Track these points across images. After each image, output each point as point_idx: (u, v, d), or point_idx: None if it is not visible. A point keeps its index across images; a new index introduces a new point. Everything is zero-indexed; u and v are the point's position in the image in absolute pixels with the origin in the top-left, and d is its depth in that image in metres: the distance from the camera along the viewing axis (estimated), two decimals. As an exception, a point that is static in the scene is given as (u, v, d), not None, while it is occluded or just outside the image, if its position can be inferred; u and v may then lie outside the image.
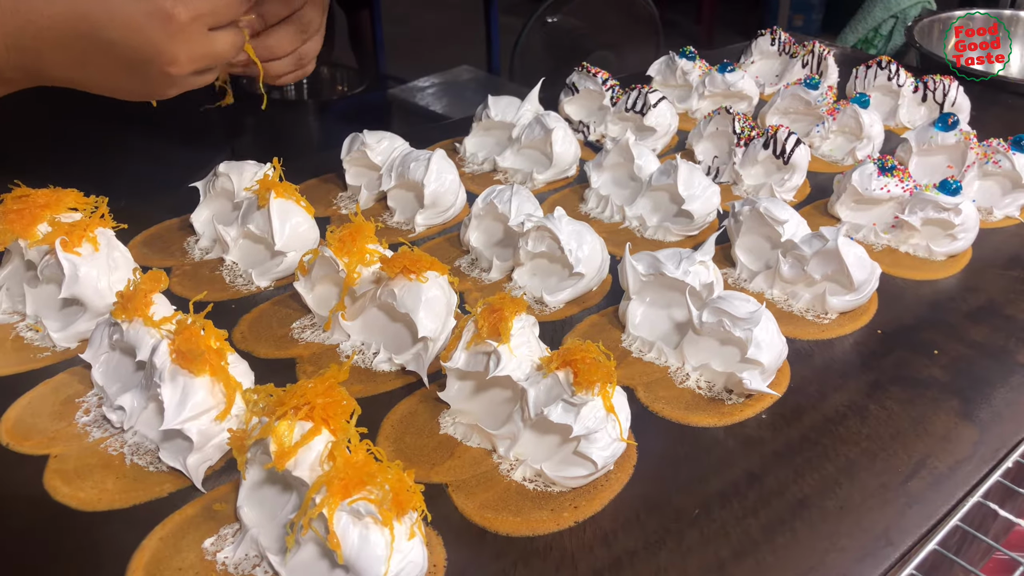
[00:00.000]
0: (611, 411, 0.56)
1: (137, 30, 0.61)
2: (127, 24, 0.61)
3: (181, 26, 0.63)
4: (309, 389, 0.51)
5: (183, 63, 0.64)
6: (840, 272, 0.73)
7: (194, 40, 0.64)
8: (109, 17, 0.60)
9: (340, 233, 0.69)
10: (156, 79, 0.65)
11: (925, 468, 0.60)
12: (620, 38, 2.68)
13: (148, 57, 0.63)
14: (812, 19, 4.82)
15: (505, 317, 0.59)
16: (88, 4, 0.60)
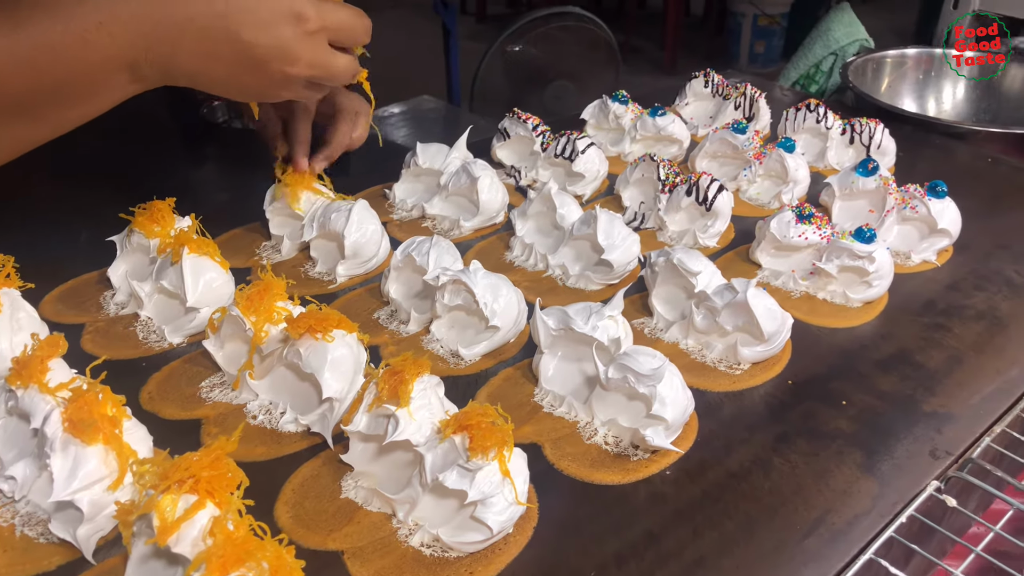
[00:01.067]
0: (507, 475, 0.56)
1: (269, 27, 0.65)
2: (261, 20, 0.64)
3: (309, 30, 0.67)
4: (194, 462, 0.51)
5: (303, 66, 0.68)
6: (751, 324, 0.74)
7: (317, 47, 0.68)
8: (244, 14, 0.64)
9: (249, 291, 0.69)
10: (275, 77, 0.68)
11: (823, 524, 0.60)
12: (580, 67, 2.71)
13: (274, 55, 0.66)
14: (773, 45, 4.91)
15: (405, 380, 0.59)
16: (225, 2, 0.64)
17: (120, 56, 0.63)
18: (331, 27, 0.68)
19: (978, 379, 0.75)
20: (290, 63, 0.67)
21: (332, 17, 0.68)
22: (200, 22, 0.63)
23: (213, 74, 0.67)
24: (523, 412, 0.70)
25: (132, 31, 0.62)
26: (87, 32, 0.61)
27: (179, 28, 0.63)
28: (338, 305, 0.83)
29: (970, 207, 1.02)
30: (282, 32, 0.65)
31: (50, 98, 0.63)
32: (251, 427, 0.67)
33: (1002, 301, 0.86)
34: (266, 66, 0.67)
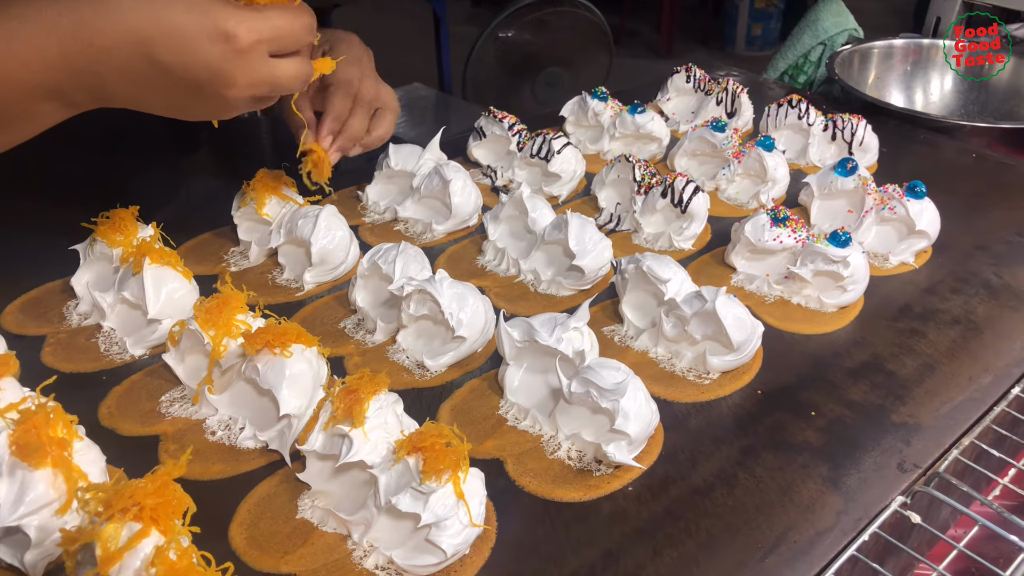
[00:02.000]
0: (461, 497, 0.55)
1: (195, 51, 0.60)
2: (185, 46, 0.60)
3: (241, 49, 0.62)
4: (139, 488, 0.50)
5: (241, 87, 0.63)
6: (719, 333, 0.73)
7: (254, 64, 0.63)
8: (167, 38, 0.60)
9: (208, 304, 0.68)
10: (214, 100, 0.64)
11: (785, 543, 0.59)
12: (573, 54, 2.69)
13: (206, 79, 0.62)
14: (770, 28, 4.88)
15: (360, 399, 0.59)
16: (147, 26, 0.59)
17: (42, 86, 0.60)
18: (266, 38, 0.63)
19: (949, 388, 0.74)
20: (225, 85, 0.63)
21: (265, 27, 0.63)
22: (122, 51, 0.60)
23: (149, 99, 0.65)
24: (487, 425, 0.69)
25: (50, 61, 0.59)
26: (4, 63, 0.58)
27: (100, 58, 0.60)
28: (305, 313, 0.82)
29: (952, 205, 1.01)
30: (211, 53, 0.61)
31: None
32: (209, 443, 0.66)
33: (978, 305, 0.85)
34: (201, 89, 0.63)
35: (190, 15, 0.60)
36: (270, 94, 0.67)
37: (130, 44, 0.59)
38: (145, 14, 0.59)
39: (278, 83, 0.66)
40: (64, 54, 0.59)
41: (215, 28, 0.60)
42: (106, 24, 0.59)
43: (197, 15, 0.60)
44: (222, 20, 0.60)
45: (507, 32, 2.56)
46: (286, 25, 0.64)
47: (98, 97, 0.63)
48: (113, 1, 0.59)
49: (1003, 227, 1.00)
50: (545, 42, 2.62)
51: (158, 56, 0.60)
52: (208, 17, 0.60)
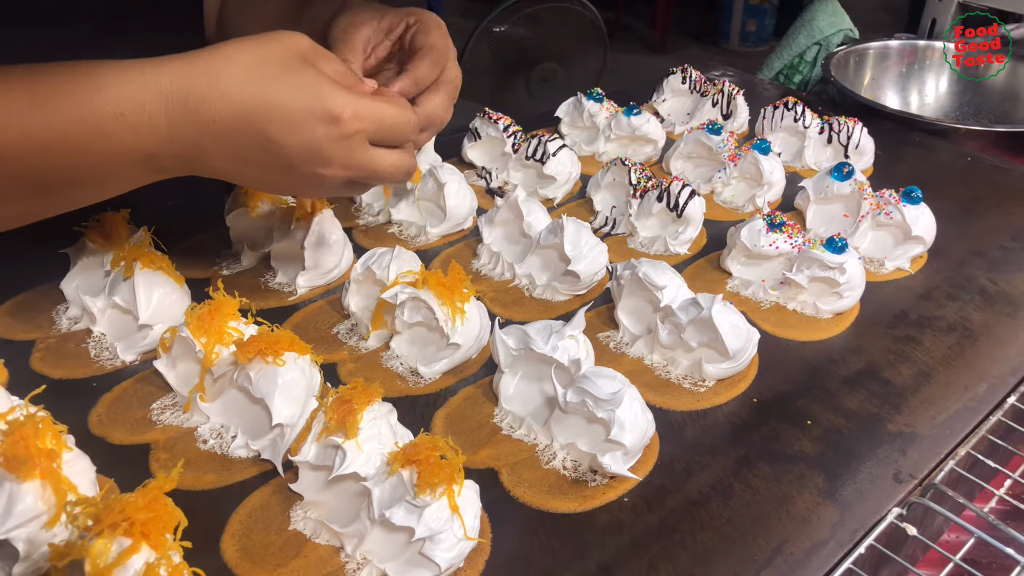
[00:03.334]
0: (456, 511, 0.55)
1: (299, 128, 0.60)
2: (291, 123, 0.59)
3: (344, 132, 0.61)
4: (130, 503, 0.49)
5: (336, 168, 0.62)
6: (715, 340, 0.73)
7: (353, 149, 0.62)
8: (273, 114, 0.59)
9: (200, 311, 0.68)
10: (309, 179, 0.63)
11: (781, 555, 0.59)
12: (568, 49, 2.68)
13: (306, 157, 0.61)
14: (764, 24, 4.89)
15: (354, 410, 0.58)
16: (255, 100, 0.59)
17: (138, 149, 0.58)
18: (370, 129, 0.62)
19: (945, 396, 0.74)
20: (323, 165, 0.62)
21: (371, 116, 0.62)
22: (226, 123, 0.58)
23: (243, 173, 0.63)
24: (482, 434, 0.68)
25: (153, 126, 0.57)
26: (105, 122, 0.56)
27: (203, 128, 0.58)
28: (297, 318, 0.81)
29: (947, 210, 1.01)
30: (314, 133, 0.60)
31: (62, 181, 0.59)
32: (201, 452, 0.65)
33: (974, 311, 0.85)
34: (297, 168, 0.62)
35: (299, 94, 0.59)
36: (365, 181, 0.66)
37: (236, 117, 0.58)
38: (255, 89, 0.59)
39: (375, 171, 0.65)
40: (171, 122, 0.58)
41: (323, 109, 0.60)
42: (216, 95, 0.58)
43: (306, 94, 0.60)
44: (329, 102, 0.60)
45: (501, 27, 2.54)
46: (391, 118, 0.64)
47: (189, 166, 0.61)
48: (224, 74, 0.58)
49: (998, 232, 1.00)
50: (540, 38, 2.61)
51: (262, 131, 0.59)
52: (316, 97, 0.60)
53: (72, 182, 0.59)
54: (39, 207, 0.62)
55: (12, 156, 0.55)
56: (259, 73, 0.59)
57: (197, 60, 0.58)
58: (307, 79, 0.60)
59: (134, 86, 0.57)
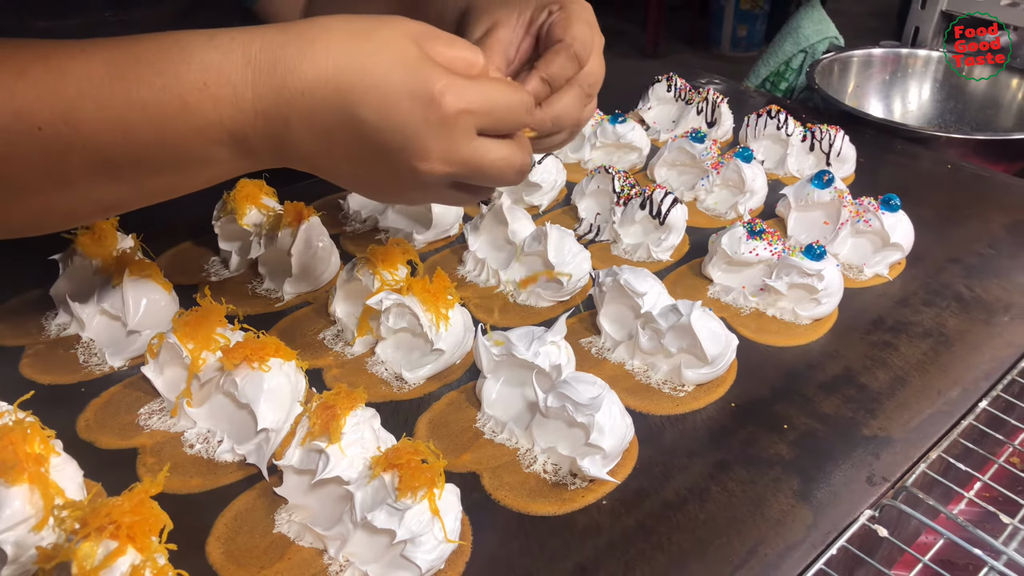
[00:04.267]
0: (436, 514, 0.56)
1: (393, 108, 0.52)
2: (384, 101, 0.52)
3: (444, 116, 0.52)
4: (116, 506, 0.51)
5: (434, 161, 0.54)
6: (694, 346, 0.74)
7: (456, 138, 0.54)
8: (366, 90, 0.51)
9: (187, 317, 0.69)
10: (403, 174, 0.55)
11: (755, 557, 0.60)
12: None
13: (398, 144, 0.53)
14: (755, 29, 4.92)
15: (337, 415, 0.59)
16: (348, 73, 0.51)
17: (222, 125, 0.52)
18: (477, 110, 0.54)
19: (920, 401, 0.75)
20: (419, 156, 0.53)
21: (477, 97, 0.54)
22: (316, 95, 0.51)
23: (332, 161, 0.56)
24: (464, 439, 0.70)
25: (239, 97, 0.51)
26: (187, 93, 0.50)
27: (292, 100, 0.52)
28: (284, 324, 0.82)
29: (926, 217, 1.02)
30: (411, 116, 0.52)
31: (137, 161, 0.53)
32: (188, 457, 0.67)
33: (950, 317, 0.87)
34: (390, 156, 0.54)
35: (397, 70, 0.52)
36: (470, 179, 0.57)
37: (326, 89, 0.51)
38: (350, 61, 0.52)
39: (481, 166, 0.56)
40: (256, 94, 0.51)
41: (421, 88, 0.52)
42: (306, 65, 0.51)
43: (404, 71, 0.52)
44: (430, 80, 0.52)
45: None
46: (501, 98, 0.55)
47: (280, 148, 0.55)
48: (319, 43, 0.52)
49: (976, 239, 1.01)
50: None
51: (353, 107, 0.52)
52: (415, 75, 0.52)
53: (147, 164, 0.53)
54: (108, 196, 0.56)
55: (87, 132, 0.50)
56: (357, 46, 0.52)
57: (292, 28, 0.52)
58: (410, 56, 0.53)
59: (219, 53, 0.51)
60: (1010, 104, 1.39)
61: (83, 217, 0.59)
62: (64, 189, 0.53)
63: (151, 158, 0.53)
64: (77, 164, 0.51)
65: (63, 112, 0.49)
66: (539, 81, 0.62)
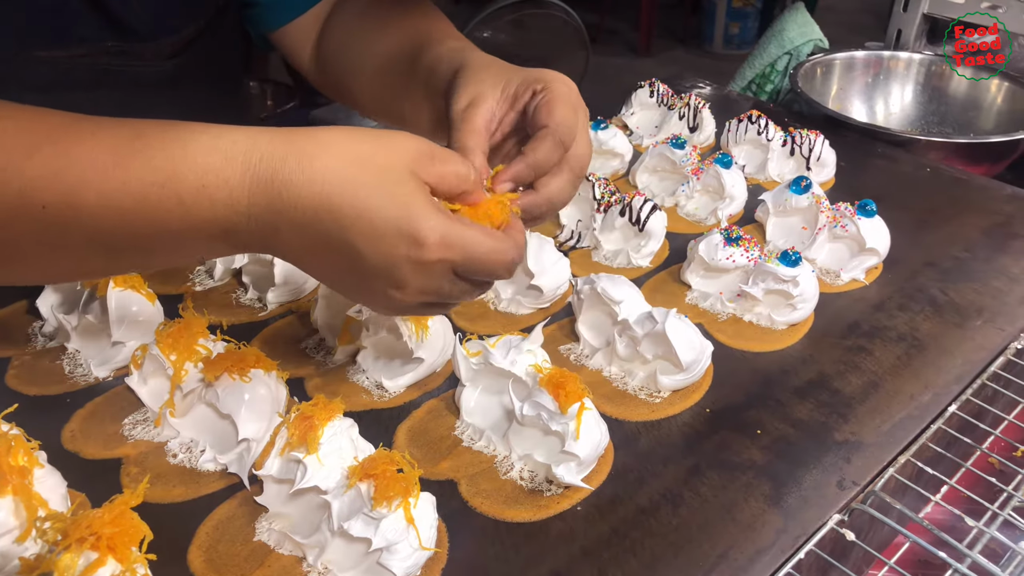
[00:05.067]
0: (411, 523, 0.57)
1: (380, 240, 0.54)
2: (373, 232, 0.54)
3: (425, 260, 0.55)
4: (97, 518, 0.52)
5: (410, 292, 0.57)
6: (669, 353, 0.76)
7: (433, 278, 0.57)
8: (356, 217, 0.53)
9: (169, 329, 0.70)
10: (379, 295, 0.58)
11: (725, 561, 0.62)
12: (550, 54, 2.71)
13: (380, 272, 0.55)
14: (748, 27, 4.93)
15: (315, 426, 0.61)
16: (342, 197, 0.53)
17: (216, 223, 0.54)
18: (456, 260, 0.56)
19: (891, 405, 0.77)
20: (397, 286, 0.56)
21: (458, 246, 0.55)
22: (307, 214, 0.53)
23: (315, 267, 0.59)
24: (443, 447, 0.71)
25: (235, 200, 0.53)
26: (186, 193, 0.53)
27: (284, 212, 0.54)
28: (267, 333, 0.83)
29: (904, 221, 1.04)
30: (395, 250, 0.54)
31: (134, 244, 0.55)
32: (171, 466, 0.68)
33: (923, 321, 0.88)
34: (370, 280, 0.56)
35: (389, 204, 0.54)
36: (439, 302, 0.61)
37: (318, 207, 0.53)
38: (345, 187, 0.53)
39: (448, 299, 0.60)
40: (251, 201, 0.54)
41: (408, 228, 0.54)
42: (303, 182, 0.53)
43: (396, 207, 0.54)
44: (417, 221, 0.54)
45: (484, 32, 2.57)
46: (483, 256, 0.57)
47: (265, 247, 0.57)
48: (317, 162, 0.53)
49: (952, 243, 1.03)
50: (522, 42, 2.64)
51: (342, 230, 0.54)
52: (405, 213, 0.54)
53: (143, 247, 0.56)
54: (109, 266, 0.61)
55: (87, 216, 0.52)
56: (353, 174, 0.54)
57: (294, 139, 0.54)
58: (403, 191, 0.54)
59: (220, 157, 0.53)
60: (991, 106, 1.41)
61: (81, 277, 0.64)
62: (64, 258, 0.57)
63: (147, 244, 0.56)
64: (77, 240, 0.54)
65: (66, 195, 0.52)
66: (524, 167, 0.65)
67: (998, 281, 0.95)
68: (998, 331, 0.87)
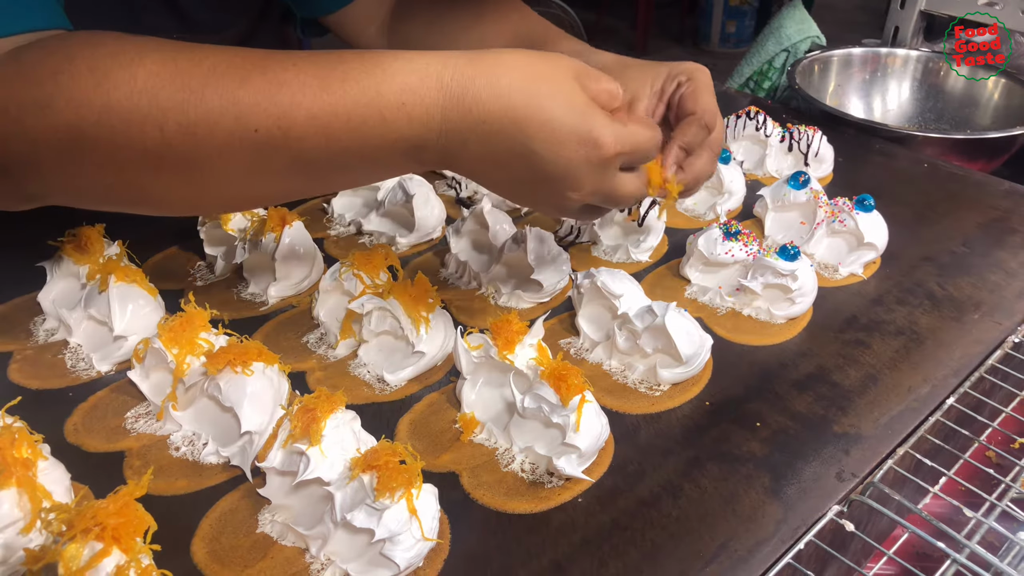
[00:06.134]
0: (414, 513, 0.58)
1: (561, 146, 0.60)
2: (555, 138, 0.60)
3: (602, 158, 0.61)
4: (101, 509, 0.52)
5: (585, 192, 0.63)
6: (669, 346, 0.76)
7: (606, 175, 0.63)
8: (541, 126, 0.59)
9: (171, 323, 0.70)
10: (555, 196, 0.64)
11: (725, 552, 0.62)
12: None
13: (560, 175, 0.62)
14: (744, 25, 4.93)
15: (317, 418, 0.61)
16: (528, 109, 0.59)
17: (411, 138, 0.59)
18: (627, 151, 0.63)
19: (890, 398, 0.77)
20: (574, 187, 0.62)
21: (628, 141, 0.63)
22: (496, 126, 0.59)
23: (493, 177, 0.64)
24: (444, 439, 0.71)
25: (430, 117, 0.59)
26: (387, 110, 0.58)
27: (475, 126, 0.59)
28: (268, 328, 0.84)
29: (902, 216, 1.04)
30: (575, 154, 0.60)
31: (333, 162, 0.60)
32: (174, 459, 0.68)
33: (922, 316, 0.89)
34: (549, 184, 0.62)
35: (570, 112, 0.60)
36: (604, 202, 0.67)
37: (505, 120, 0.59)
38: (530, 100, 0.59)
39: (615, 196, 0.66)
40: (445, 117, 0.59)
41: (588, 132, 0.60)
42: (491, 96, 0.59)
43: (576, 115, 0.60)
44: (597, 127, 0.60)
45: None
46: (645, 141, 0.65)
47: (447, 161, 0.63)
48: (505, 80, 0.59)
49: (950, 237, 1.03)
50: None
51: (527, 139, 0.60)
52: (585, 120, 0.60)
53: (342, 164, 0.61)
54: (303, 186, 0.65)
55: (296, 136, 0.57)
56: (537, 86, 0.60)
57: (480, 61, 0.60)
58: (580, 101, 0.61)
59: (417, 77, 0.58)
60: (987, 102, 1.41)
61: (270, 201, 0.69)
62: (265, 181, 0.61)
63: (345, 160, 0.60)
64: (282, 162, 0.59)
65: (277, 118, 0.56)
66: (678, 149, 0.74)
67: (995, 276, 0.95)
68: (995, 325, 0.87)
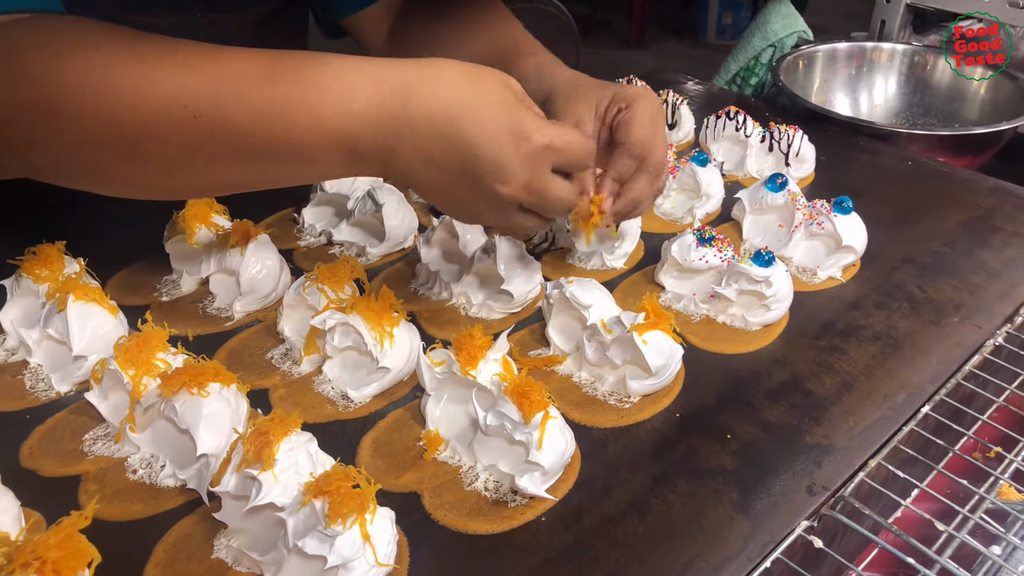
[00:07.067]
0: (367, 539, 0.57)
1: (493, 138, 0.63)
2: (487, 132, 0.63)
3: (532, 149, 0.65)
4: (42, 543, 0.51)
5: (514, 187, 0.66)
6: (638, 358, 0.75)
7: (537, 170, 0.66)
8: (472, 123, 0.63)
9: (128, 343, 0.69)
10: (486, 194, 0.66)
11: (691, 570, 0.61)
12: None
13: (490, 168, 0.64)
14: (741, 17, 4.91)
15: (270, 442, 0.60)
16: (460, 105, 0.63)
17: (344, 132, 0.62)
18: (554, 147, 0.66)
19: (864, 407, 0.76)
20: (503, 181, 0.65)
21: (560, 138, 0.67)
22: (429, 122, 0.63)
23: (427, 177, 0.66)
24: (407, 458, 0.70)
25: (367, 112, 0.62)
26: (324, 103, 0.61)
27: (410, 120, 0.63)
28: (233, 343, 0.82)
29: (884, 215, 1.03)
30: (505, 147, 0.64)
31: (268, 150, 0.62)
32: (131, 483, 0.67)
33: (900, 320, 0.87)
34: (480, 178, 0.65)
35: (499, 109, 0.64)
36: (536, 204, 0.69)
37: (438, 117, 0.63)
38: (463, 98, 0.63)
39: (546, 196, 0.68)
40: (381, 111, 0.62)
41: (517, 126, 0.64)
42: (425, 92, 0.63)
43: (505, 111, 0.64)
44: (524, 121, 0.65)
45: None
46: (575, 141, 0.69)
47: (383, 161, 0.65)
48: (440, 76, 0.64)
49: (932, 237, 1.01)
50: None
51: (461, 133, 0.63)
52: (513, 115, 0.65)
53: (280, 156, 0.63)
54: (248, 177, 0.66)
55: (232, 127, 0.60)
56: (470, 86, 0.64)
57: (419, 64, 0.64)
58: (509, 100, 0.65)
59: (357, 73, 0.62)
60: (974, 97, 1.39)
61: (216, 191, 0.73)
62: (204, 168, 0.63)
63: (283, 151, 0.62)
64: (218, 149, 0.61)
65: (219, 107, 0.59)
66: (611, 181, 0.81)
67: (977, 276, 0.94)
68: (975, 328, 0.85)
